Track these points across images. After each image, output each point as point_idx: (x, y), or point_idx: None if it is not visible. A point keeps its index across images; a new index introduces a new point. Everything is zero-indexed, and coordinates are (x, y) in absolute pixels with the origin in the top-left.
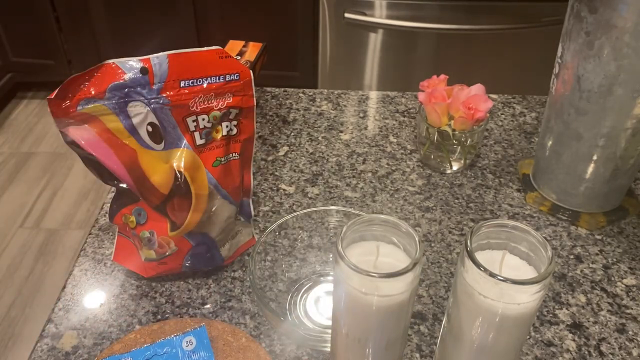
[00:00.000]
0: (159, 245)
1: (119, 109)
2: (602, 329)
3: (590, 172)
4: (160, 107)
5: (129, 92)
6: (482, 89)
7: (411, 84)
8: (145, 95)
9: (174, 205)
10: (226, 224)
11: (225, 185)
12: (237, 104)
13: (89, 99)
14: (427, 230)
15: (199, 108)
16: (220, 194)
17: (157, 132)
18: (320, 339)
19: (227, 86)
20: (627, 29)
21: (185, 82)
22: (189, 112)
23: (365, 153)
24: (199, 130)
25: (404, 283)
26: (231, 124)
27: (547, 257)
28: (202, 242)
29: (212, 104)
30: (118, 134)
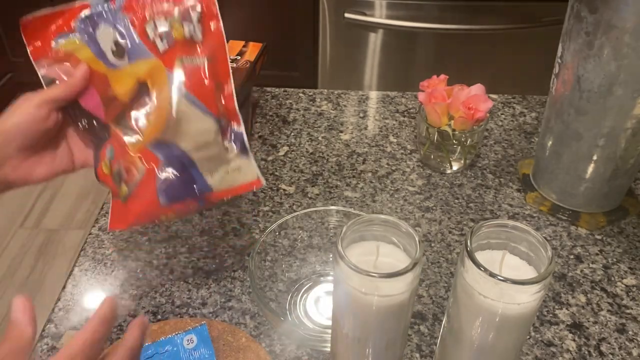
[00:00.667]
0: (126, 170)
1: (89, 38)
2: (602, 329)
3: (590, 172)
4: (120, 23)
5: (97, 20)
6: (482, 89)
7: (411, 84)
8: (108, 16)
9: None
10: (203, 139)
11: (191, 88)
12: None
13: (62, 34)
14: (427, 230)
15: (156, 12)
16: (186, 98)
17: (119, 48)
18: (320, 339)
19: None
20: (627, 29)
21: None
22: (147, 20)
23: (365, 153)
24: (159, 36)
25: (404, 283)
26: (195, 28)
27: (547, 257)
28: (172, 156)
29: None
30: (91, 64)
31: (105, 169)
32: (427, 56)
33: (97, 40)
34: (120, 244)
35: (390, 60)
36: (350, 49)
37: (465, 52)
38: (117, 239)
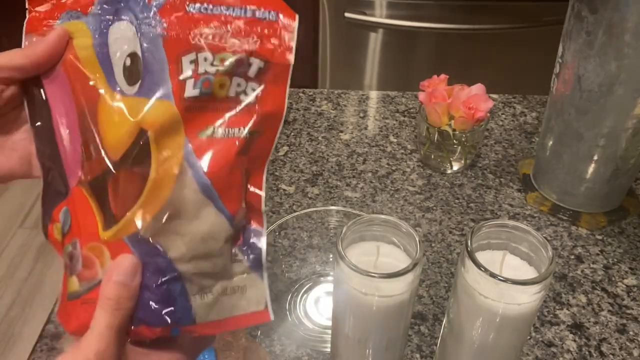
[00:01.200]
0: (84, 261)
1: (100, 30)
2: (603, 329)
3: (590, 172)
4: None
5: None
6: (482, 88)
7: (411, 83)
8: (136, 13)
9: (119, 182)
10: (206, 248)
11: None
12: (264, 53)
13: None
14: (428, 230)
15: (204, 42)
16: (199, 184)
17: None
18: (320, 339)
19: (256, 25)
20: (628, 28)
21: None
22: (188, 47)
23: (366, 153)
24: (195, 76)
25: (404, 283)
26: (247, 85)
27: (548, 257)
28: (153, 264)
29: (224, 43)
30: (86, 65)
31: (58, 234)
32: (428, 56)
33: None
34: None
35: (390, 60)
36: (350, 48)
37: (466, 51)
38: None
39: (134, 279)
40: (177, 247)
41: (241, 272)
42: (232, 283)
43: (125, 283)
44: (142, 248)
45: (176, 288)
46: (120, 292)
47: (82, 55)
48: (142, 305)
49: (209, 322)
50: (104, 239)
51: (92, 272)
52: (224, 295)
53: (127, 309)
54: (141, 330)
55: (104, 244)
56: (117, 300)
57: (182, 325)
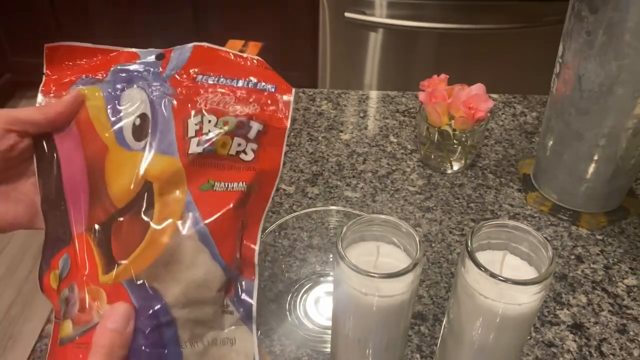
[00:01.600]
0: (81, 305)
1: (113, 94)
2: (603, 329)
3: (591, 172)
4: (161, 97)
5: (133, 78)
6: (482, 88)
7: (411, 83)
8: (149, 80)
9: (122, 228)
10: (199, 295)
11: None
12: (263, 118)
13: (89, 79)
14: (428, 230)
15: (209, 106)
16: (197, 232)
17: (143, 126)
18: (320, 339)
19: (256, 94)
20: (628, 28)
21: (202, 77)
22: (195, 110)
23: (366, 153)
24: (199, 136)
25: (404, 283)
26: (247, 145)
27: (548, 257)
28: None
29: (227, 108)
30: (97, 125)
31: (54, 282)
32: (428, 56)
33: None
34: None
35: (390, 60)
36: (350, 48)
37: (466, 51)
38: None
39: (127, 326)
40: (172, 292)
41: (231, 324)
42: (222, 334)
43: (119, 330)
44: (139, 292)
45: (169, 334)
46: (114, 340)
47: (94, 115)
48: (135, 349)
49: None
50: (103, 283)
51: (88, 316)
52: (214, 345)
53: (120, 357)
54: None
55: (102, 287)
56: (111, 348)
57: None
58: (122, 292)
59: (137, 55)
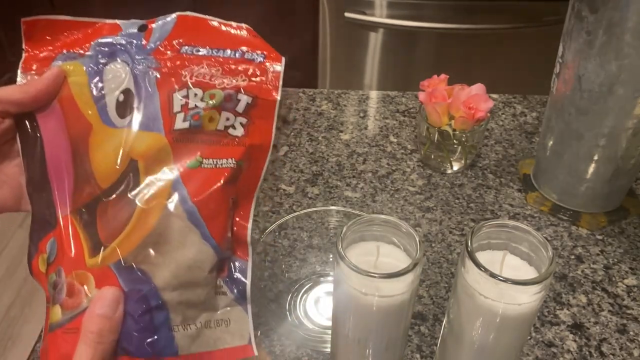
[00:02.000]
0: (69, 289)
1: (96, 70)
2: (603, 329)
3: (591, 172)
4: (144, 70)
5: (116, 51)
6: (482, 88)
7: (411, 83)
8: (131, 53)
9: (108, 209)
10: (190, 276)
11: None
12: (251, 90)
13: (70, 53)
14: (428, 230)
15: (194, 79)
16: (186, 211)
17: (127, 102)
18: (320, 339)
19: (244, 64)
20: (628, 28)
21: (187, 49)
22: (179, 85)
23: (366, 153)
24: (185, 111)
25: (404, 283)
26: (236, 119)
27: (548, 257)
28: (136, 292)
29: (214, 80)
30: (80, 102)
31: (42, 266)
32: (428, 56)
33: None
34: None
35: (390, 60)
36: (350, 48)
37: (466, 51)
38: None
39: (116, 311)
40: (162, 274)
41: (225, 305)
42: (216, 316)
43: (108, 316)
44: (127, 275)
45: (159, 317)
46: (103, 325)
47: (76, 92)
48: (125, 334)
49: (191, 354)
50: (90, 266)
51: (76, 300)
52: (208, 327)
53: (110, 342)
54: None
55: (89, 271)
56: (100, 333)
57: (164, 356)
58: (110, 275)
59: (119, 27)
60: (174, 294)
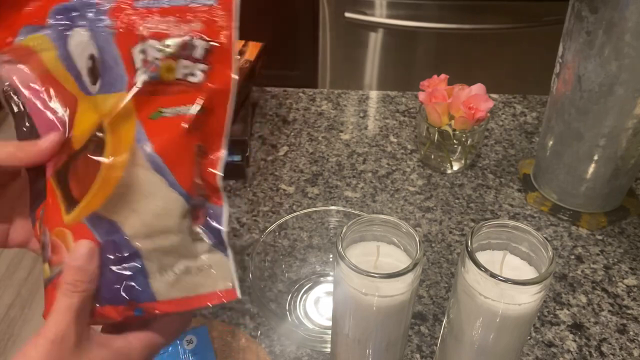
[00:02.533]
0: (53, 247)
1: (60, 40)
2: (603, 329)
3: (591, 172)
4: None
5: (75, 17)
6: (482, 88)
7: (411, 83)
8: (89, 17)
9: (78, 168)
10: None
11: (162, 149)
12: (207, 34)
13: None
14: (428, 230)
15: (150, 32)
16: (151, 162)
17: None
18: (320, 339)
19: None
20: (628, 28)
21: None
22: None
23: (366, 153)
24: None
25: (404, 283)
26: (194, 66)
27: (548, 257)
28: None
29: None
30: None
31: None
32: (427, 56)
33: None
34: None
35: (390, 60)
36: (350, 48)
37: (466, 51)
38: None
39: (90, 263)
40: (132, 223)
41: (205, 251)
42: (196, 262)
43: (82, 267)
44: (99, 227)
45: (134, 265)
46: (76, 276)
47: (52, 67)
48: (103, 284)
49: (171, 299)
50: (67, 223)
51: (59, 257)
52: (188, 274)
53: (85, 290)
54: (106, 311)
55: (67, 228)
56: (74, 283)
57: (141, 302)
58: (85, 230)
59: None
60: (146, 241)
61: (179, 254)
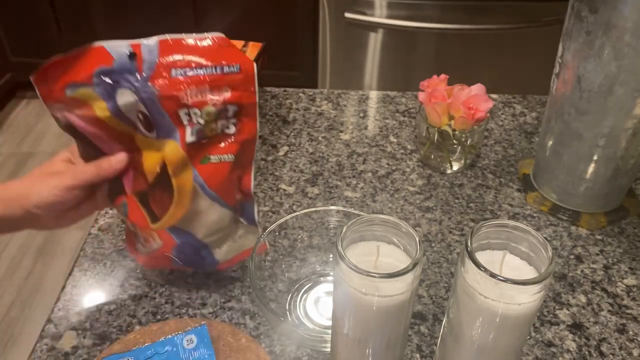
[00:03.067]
0: (144, 239)
1: (107, 95)
2: (603, 329)
3: (590, 172)
4: (149, 97)
5: (117, 79)
6: (482, 88)
7: (411, 83)
8: (133, 83)
9: (156, 197)
10: (218, 227)
11: (213, 186)
12: (236, 99)
13: (77, 83)
14: (428, 230)
15: (191, 101)
16: (207, 195)
17: (148, 121)
18: (320, 339)
19: (225, 79)
20: (628, 28)
21: (176, 71)
22: (180, 105)
23: (366, 153)
24: (191, 125)
25: (404, 283)
26: (229, 122)
27: (548, 257)
28: (187, 242)
29: (206, 98)
30: (110, 122)
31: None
32: (427, 56)
33: (116, 101)
34: (120, 244)
35: (390, 60)
36: (350, 49)
37: (466, 52)
38: (117, 239)
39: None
40: (200, 230)
41: (244, 228)
42: (238, 235)
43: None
44: (177, 234)
45: (205, 251)
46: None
47: (104, 115)
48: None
49: (227, 260)
50: (153, 228)
51: (149, 244)
52: (235, 242)
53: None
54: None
55: (153, 231)
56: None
57: (211, 268)
58: (167, 234)
59: (109, 54)
60: (210, 237)
61: (229, 235)
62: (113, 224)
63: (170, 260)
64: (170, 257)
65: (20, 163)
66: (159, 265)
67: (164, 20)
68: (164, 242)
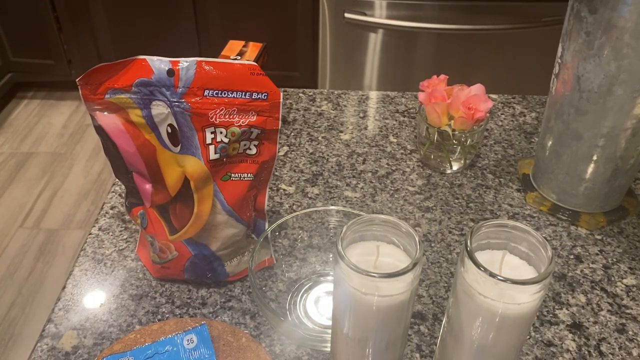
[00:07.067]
0: (161, 250)
1: (143, 104)
2: (602, 329)
3: (590, 172)
4: (181, 112)
5: (154, 91)
6: (482, 89)
7: (411, 84)
8: (168, 97)
9: (176, 209)
10: (231, 241)
11: (231, 202)
12: (260, 124)
13: (116, 89)
14: (427, 230)
15: (219, 120)
16: (225, 210)
17: (175, 134)
18: (320, 339)
19: (253, 104)
20: (627, 29)
21: (209, 92)
22: (208, 123)
23: (365, 153)
24: (214, 144)
25: (404, 283)
26: (251, 144)
27: (547, 257)
28: (201, 254)
29: (232, 119)
30: (141, 128)
31: (135, 219)
32: (427, 56)
33: (150, 111)
34: (120, 244)
35: (390, 60)
36: (350, 49)
37: (465, 52)
38: (117, 239)
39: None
40: (215, 244)
41: (255, 243)
42: (250, 249)
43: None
44: (193, 246)
45: (217, 263)
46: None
47: (137, 121)
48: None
49: (237, 272)
50: (170, 240)
51: (165, 255)
52: (245, 256)
53: None
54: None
55: (171, 243)
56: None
57: (222, 279)
58: (183, 246)
59: (150, 67)
60: (224, 251)
61: (241, 249)
62: (113, 224)
63: (182, 272)
64: (183, 269)
65: (21, 163)
66: (171, 276)
67: (164, 20)
68: (179, 254)
